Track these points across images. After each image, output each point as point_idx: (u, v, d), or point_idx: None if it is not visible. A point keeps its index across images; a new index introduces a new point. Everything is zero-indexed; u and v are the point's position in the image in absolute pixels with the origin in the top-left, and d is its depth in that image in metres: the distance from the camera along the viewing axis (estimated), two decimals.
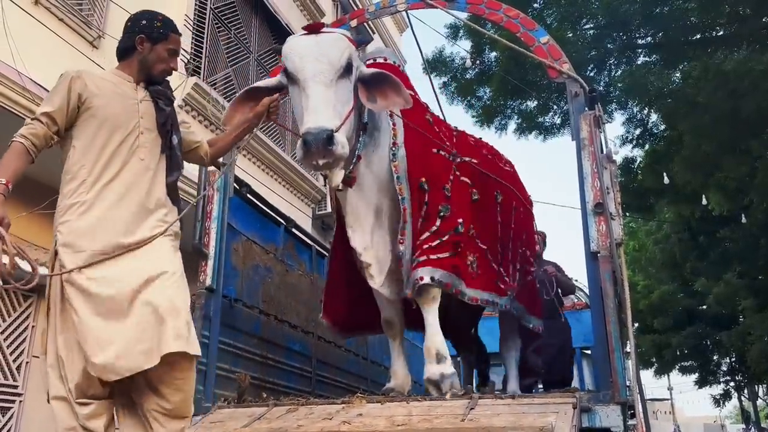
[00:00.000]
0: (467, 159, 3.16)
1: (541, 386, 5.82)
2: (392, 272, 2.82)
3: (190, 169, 5.75)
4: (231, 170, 3.32)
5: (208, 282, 3.01)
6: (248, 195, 3.68)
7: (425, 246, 2.70)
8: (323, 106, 2.28)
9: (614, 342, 2.27)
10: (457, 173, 3.05)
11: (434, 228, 2.75)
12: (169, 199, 2.46)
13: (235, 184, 3.40)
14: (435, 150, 2.99)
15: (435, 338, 2.72)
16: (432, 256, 2.68)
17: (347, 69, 2.44)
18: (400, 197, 2.72)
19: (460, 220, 2.84)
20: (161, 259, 2.27)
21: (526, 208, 3.86)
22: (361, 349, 4.74)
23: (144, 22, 2.47)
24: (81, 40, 5.49)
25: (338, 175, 2.57)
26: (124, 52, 2.49)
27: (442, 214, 2.79)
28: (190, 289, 2.44)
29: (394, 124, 2.86)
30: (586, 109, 2.70)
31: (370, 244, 2.77)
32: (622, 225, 2.49)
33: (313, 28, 2.54)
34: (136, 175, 2.33)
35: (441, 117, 3.56)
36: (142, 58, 2.45)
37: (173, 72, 2.57)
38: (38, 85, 4.45)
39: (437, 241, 2.72)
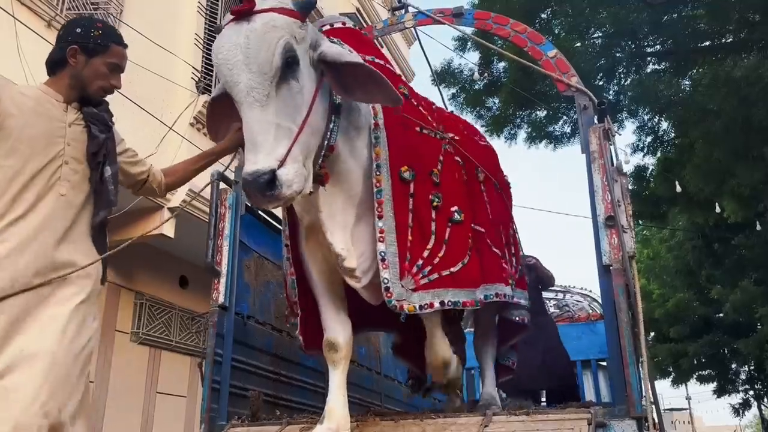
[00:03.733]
0: (451, 135, 2.81)
1: (544, 400, 5.59)
2: (374, 274, 2.41)
3: (202, 186, 5.80)
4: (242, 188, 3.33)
5: (221, 300, 3.03)
6: (259, 211, 3.70)
7: (425, 254, 2.34)
8: (261, 139, 1.87)
9: (629, 356, 2.25)
10: (449, 151, 2.71)
11: (432, 226, 2.39)
12: (95, 245, 2.09)
13: (246, 202, 3.42)
14: (419, 129, 2.59)
15: (440, 345, 2.62)
16: (443, 272, 2.35)
17: (290, 64, 1.97)
18: (375, 189, 2.33)
19: (455, 208, 2.50)
20: (45, 332, 1.83)
21: (504, 186, 3.47)
22: (374, 364, 4.73)
23: (79, 30, 2.10)
24: None
25: (310, 182, 2.08)
26: (53, 65, 2.12)
27: (435, 204, 2.43)
28: (205, 307, 2.31)
29: None
30: (596, 121, 2.70)
31: (351, 244, 2.35)
32: (634, 237, 2.48)
33: (242, 13, 1.97)
34: (52, 213, 1.96)
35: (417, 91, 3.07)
36: (74, 74, 2.09)
37: (114, 91, 2.19)
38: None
39: (442, 249, 2.38)
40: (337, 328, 2.51)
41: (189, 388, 7.67)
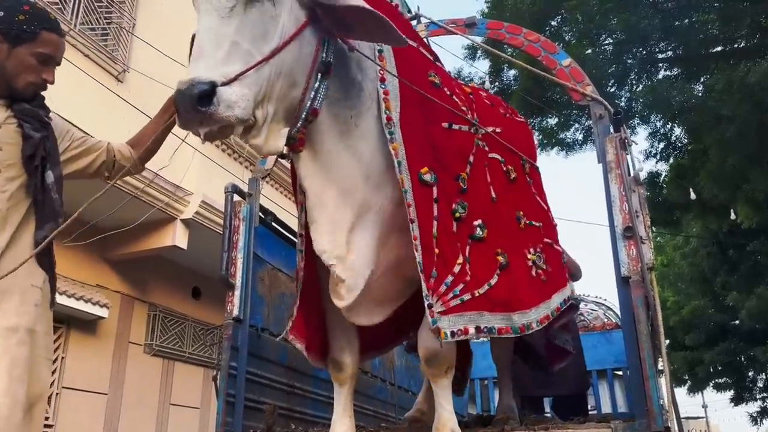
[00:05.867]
0: (491, 129, 2.51)
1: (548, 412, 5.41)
2: (371, 291, 2.06)
3: (215, 197, 5.79)
4: (256, 199, 3.33)
5: (235, 312, 3.01)
6: (273, 224, 3.69)
7: (455, 269, 2.01)
8: (211, 47, 1.54)
9: (648, 369, 2.21)
10: (486, 149, 2.40)
11: (451, 238, 2.07)
12: (40, 265, 1.80)
13: (260, 213, 3.42)
14: (446, 125, 2.24)
15: (449, 420, 2.12)
16: (475, 292, 2.01)
17: None
18: (402, 189, 1.97)
19: (478, 222, 2.17)
20: None
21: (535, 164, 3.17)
22: (388, 375, 4.70)
23: (1, 13, 1.78)
24: (106, 74, 5.62)
25: (276, 138, 1.76)
26: None
27: (458, 214, 2.10)
28: (218, 318, 2.24)
29: (386, 92, 2.04)
30: (612, 131, 2.67)
31: (345, 251, 1.98)
32: (653, 248, 2.44)
33: None
34: None
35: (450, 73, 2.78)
36: None
37: (47, 87, 1.91)
38: (64, 119, 4.54)
39: (457, 266, 2.02)
40: (342, 345, 2.32)
41: (202, 400, 7.68)
